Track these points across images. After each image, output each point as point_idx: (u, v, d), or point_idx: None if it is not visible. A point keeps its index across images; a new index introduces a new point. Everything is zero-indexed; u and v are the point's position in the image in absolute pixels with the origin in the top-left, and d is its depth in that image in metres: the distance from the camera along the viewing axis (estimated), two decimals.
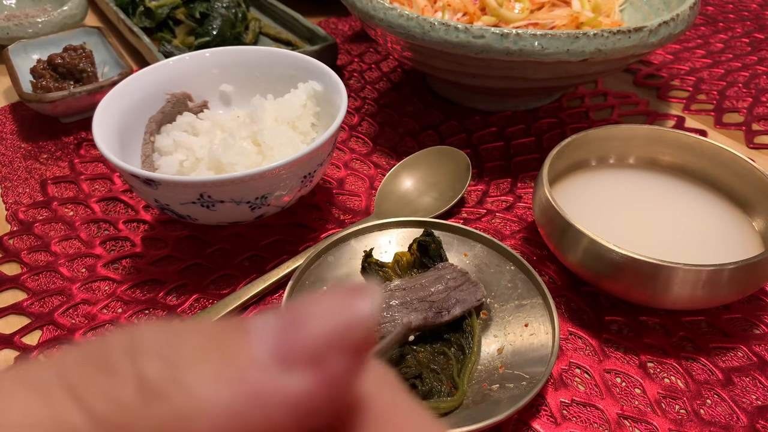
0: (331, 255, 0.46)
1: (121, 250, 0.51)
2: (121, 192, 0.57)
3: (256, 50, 0.57)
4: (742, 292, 0.41)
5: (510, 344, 0.40)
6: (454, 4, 0.64)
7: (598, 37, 0.49)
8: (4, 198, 0.56)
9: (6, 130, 0.65)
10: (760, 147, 0.63)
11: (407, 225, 0.48)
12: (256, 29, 0.80)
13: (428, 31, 0.51)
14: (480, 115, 0.66)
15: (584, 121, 0.66)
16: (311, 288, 0.43)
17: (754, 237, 0.46)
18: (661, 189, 0.50)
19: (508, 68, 0.53)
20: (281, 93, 0.54)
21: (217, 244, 0.51)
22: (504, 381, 0.38)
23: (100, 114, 0.48)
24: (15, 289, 0.48)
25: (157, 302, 0.46)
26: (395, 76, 0.74)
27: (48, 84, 0.64)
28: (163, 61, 0.55)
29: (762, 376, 0.41)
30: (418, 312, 0.40)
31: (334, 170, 0.59)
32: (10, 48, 0.70)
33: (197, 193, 0.43)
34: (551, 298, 0.41)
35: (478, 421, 0.34)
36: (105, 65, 0.70)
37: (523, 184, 0.58)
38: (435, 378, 0.38)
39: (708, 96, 0.71)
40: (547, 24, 0.62)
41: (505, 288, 0.44)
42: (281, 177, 0.44)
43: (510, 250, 0.44)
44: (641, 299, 0.42)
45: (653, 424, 0.38)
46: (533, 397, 0.35)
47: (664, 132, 0.51)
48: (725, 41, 0.83)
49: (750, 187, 0.47)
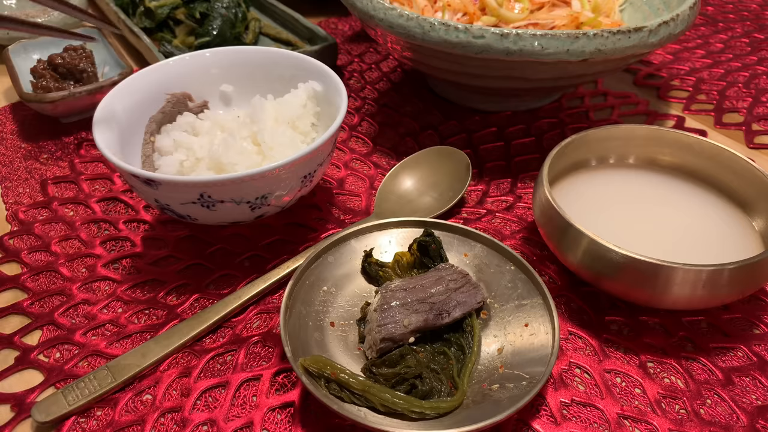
0: (331, 255, 0.46)
1: (121, 250, 0.51)
2: (121, 192, 0.57)
3: (256, 50, 0.57)
4: (742, 292, 0.41)
5: (510, 344, 0.40)
6: (454, 4, 0.64)
7: (598, 37, 0.49)
8: (5, 198, 0.56)
9: (6, 130, 0.66)
10: (760, 147, 0.63)
11: (407, 225, 0.48)
12: (256, 29, 0.80)
13: (428, 31, 0.51)
14: (480, 115, 0.67)
15: (584, 121, 0.66)
16: (311, 288, 0.43)
17: (754, 237, 0.46)
18: (661, 189, 0.50)
19: (508, 68, 0.53)
20: (281, 93, 0.54)
21: (217, 244, 0.51)
22: (504, 381, 0.38)
23: (100, 114, 0.48)
24: (15, 289, 0.48)
25: (157, 302, 0.46)
26: (395, 76, 0.75)
27: (48, 84, 0.64)
28: (163, 61, 0.55)
29: (762, 376, 0.41)
30: (419, 314, 0.40)
31: (334, 170, 0.59)
32: (10, 48, 0.70)
33: (197, 193, 0.43)
34: (551, 298, 0.41)
35: (478, 421, 0.34)
36: (105, 65, 0.70)
37: (523, 184, 0.58)
38: (435, 378, 0.38)
39: (708, 96, 0.71)
40: (547, 24, 0.62)
41: (505, 288, 0.44)
42: (281, 177, 0.44)
43: (510, 250, 0.44)
44: (641, 299, 0.42)
45: (653, 424, 0.38)
46: (533, 397, 0.35)
47: (664, 132, 0.51)
48: (725, 41, 0.83)
49: (750, 187, 0.47)
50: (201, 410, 0.39)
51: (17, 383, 0.41)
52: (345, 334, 0.42)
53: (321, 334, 0.41)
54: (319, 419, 0.38)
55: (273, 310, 0.45)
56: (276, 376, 0.41)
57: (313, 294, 0.43)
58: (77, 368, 0.41)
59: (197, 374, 0.41)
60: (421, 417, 0.36)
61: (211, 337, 0.44)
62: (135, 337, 0.44)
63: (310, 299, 0.43)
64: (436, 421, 0.36)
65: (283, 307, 0.40)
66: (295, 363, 0.36)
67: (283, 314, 0.39)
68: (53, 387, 0.41)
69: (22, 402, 0.40)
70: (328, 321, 0.42)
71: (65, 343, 0.43)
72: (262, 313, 0.45)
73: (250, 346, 0.43)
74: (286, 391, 0.40)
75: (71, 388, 0.39)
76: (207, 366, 0.41)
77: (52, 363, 0.42)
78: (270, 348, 0.43)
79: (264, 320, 0.45)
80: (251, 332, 0.44)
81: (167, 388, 0.40)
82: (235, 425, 0.38)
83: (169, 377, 0.41)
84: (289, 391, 0.40)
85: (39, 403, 0.38)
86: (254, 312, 0.45)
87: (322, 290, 0.44)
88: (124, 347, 0.43)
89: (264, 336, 0.43)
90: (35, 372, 0.42)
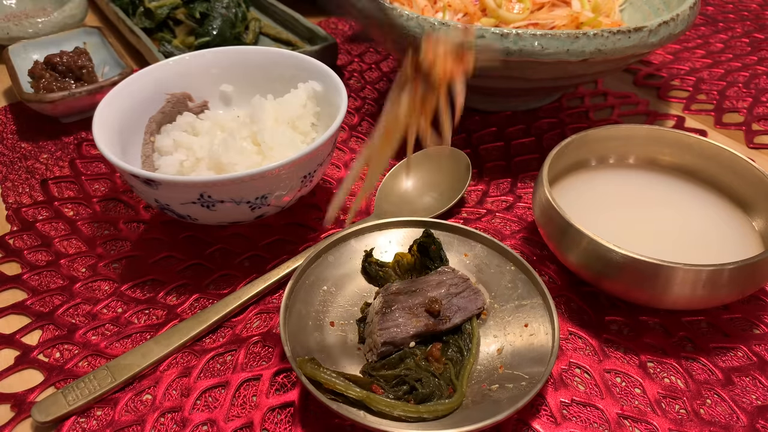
0: (331, 255, 0.45)
1: (121, 250, 0.51)
2: (121, 192, 0.57)
3: (256, 50, 0.57)
4: (742, 292, 0.41)
5: (510, 344, 0.40)
6: (454, 5, 0.64)
7: (598, 37, 0.49)
8: (5, 198, 0.56)
9: (6, 130, 0.66)
10: (760, 147, 0.63)
11: (407, 225, 0.48)
12: (256, 29, 0.80)
13: (428, 31, 0.51)
14: (480, 115, 0.66)
15: (584, 121, 0.66)
16: (311, 287, 0.43)
17: (754, 237, 0.46)
18: (661, 189, 0.50)
19: (508, 68, 0.53)
20: (281, 93, 0.54)
21: (217, 244, 0.51)
22: (504, 381, 0.38)
23: (100, 114, 0.48)
24: (15, 289, 0.48)
25: (157, 302, 0.46)
26: (395, 76, 0.74)
27: (49, 83, 0.64)
28: (163, 61, 0.55)
29: (762, 376, 0.41)
30: (420, 318, 0.40)
31: (334, 170, 0.59)
32: (10, 48, 0.70)
33: (197, 193, 0.43)
34: (551, 298, 0.41)
35: (478, 421, 0.34)
36: (105, 65, 0.70)
37: (523, 184, 0.58)
38: (434, 382, 0.38)
39: (708, 96, 0.71)
40: (547, 24, 0.62)
41: (505, 288, 0.44)
42: (281, 177, 0.44)
43: (510, 250, 0.44)
44: (641, 299, 0.42)
45: (653, 424, 0.38)
46: (533, 397, 0.35)
47: (664, 132, 0.51)
48: (725, 41, 0.83)
49: (750, 187, 0.47)
50: (201, 410, 0.39)
51: (17, 383, 0.41)
52: (345, 334, 0.42)
53: (321, 333, 0.41)
54: (319, 419, 0.38)
55: (273, 310, 0.45)
56: (276, 376, 0.41)
57: (313, 294, 0.43)
58: (77, 368, 0.41)
59: (197, 374, 0.41)
60: (420, 420, 0.36)
61: (211, 337, 0.44)
62: (135, 337, 0.44)
63: (310, 299, 0.43)
64: (437, 422, 0.36)
65: (283, 307, 0.40)
66: (295, 363, 0.36)
67: (282, 314, 0.39)
68: (53, 387, 0.41)
69: (22, 402, 0.40)
70: (328, 321, 0.42)
71: (65, 343, 0.43)
72: (262, 313, 0.45)
73: (250, 346, 0.43)
74: (286, 391, 0.40)
75: (71, 387, 0.39)
76: (207, 366, 0.41)
77: (52, 363, 0.42)
78: (270, 348, 0.43)
79: (264, 320, 0.45)
80: (251, 332, 0.44)
81: (167, 388, 0.40)
82: (235, 425, 0.38)
83: (169, 377, 0.41)
84: (289, 391, 0.40)
85: (39, 402, 0.38)
86: (254, 312, 0.45)
87: (321, 290, 0.44)
88: (124, 347, 0.43)
89: (264, 336, 0.43)
90: (35, 372, 0.42)
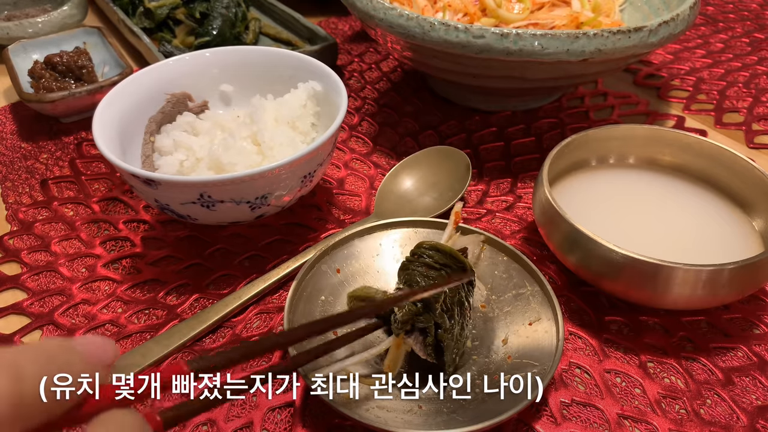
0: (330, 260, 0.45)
1: (121, 250, 0.51)
2: (121, 192, 0.57)
3: (256, 50, 0.57)
4: (742, 292, 0.41)
5: (514, 334, 0.41)
6: (454, 5, 0.64)
7: (598, 37, 0.49)
8: (5, 198, 0.56)
9: (6, 130, 0.66)
10: (760, 147, 0.63)
11: (407, 225, 0.48)
12: (256, 29, 0.80)
13: (428, 31, 0.51)
14: (480, 115, 0.66)
15: (584, 121, 0.66)
16: (310, 290, 0.43)
17: (754, 237, 0.46)
18: (661, 189, 0.50)
19: (508, 68, 0.53)
20: (281, 93, 0.54)
21: (217, 244, 0.51)
22: (514, 370, 0.38)
23: (100, 114, 0.48)
24: (15, 289, 0.48)
25: (157, 302, 0.46)
26: (395, 76, 0.74)
27: (49, 83, 0.64)
28: (163, 61, 0.55)
29: (762, 376, 0.41)
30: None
31: (334, 170, 0.59)
32: (10, 48, 0.70)
33: (197, 193, 0.43)
34: (555, 297, 0.41)
35: (478, 421, 0.34)
36: (105, 65, 0.70)
37: (523, 184, 0.58)
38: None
39: (708, 96, 0.71)
40: (547, 24, 0.62)
41: (501, 279, 0.44)
42: (281, 177, 0.44)
43: (513, 249, 0.44)
44: (641, 299, 0.42)
45: (653, 424, 0.38)
46: (534, 398, 0.35)
47: (664, 132, 0.51)
48: (725, 41, 0.83)
49: (750, 187, 0.47)
50: None
51: None
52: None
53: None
54: (319, 419, 0.38)
55: (273, 310, 0.45)
56: (276, 376, 0.41)
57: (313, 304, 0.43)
58: None
59: None
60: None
61: (211, 337, 0.44)
62: (135, 337, 0.44)
63: (310, 310, 0.43)
64: (437, 422, 0.36)
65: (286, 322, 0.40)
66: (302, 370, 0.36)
67: (287, 313, 0.39)
68: None
69: None
70: (331, 332, 0.42)
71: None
72: (262, 313, 0.45)
73: None
74: (286, 391, 0.40)
75: None
76: None
77: None
78: None
79: (264, 320, 0.45)
80: (251, 332, 0.44)
81: None
82: (235, 425, 0.38)
83: None
84: (289, 391, 0.40)
85: None
86: (254, 312, 0.45)
87: (320, 300, 0.43)
88: (124, 347, 0.43)
89: (264, 336, 0.43)
90: None
